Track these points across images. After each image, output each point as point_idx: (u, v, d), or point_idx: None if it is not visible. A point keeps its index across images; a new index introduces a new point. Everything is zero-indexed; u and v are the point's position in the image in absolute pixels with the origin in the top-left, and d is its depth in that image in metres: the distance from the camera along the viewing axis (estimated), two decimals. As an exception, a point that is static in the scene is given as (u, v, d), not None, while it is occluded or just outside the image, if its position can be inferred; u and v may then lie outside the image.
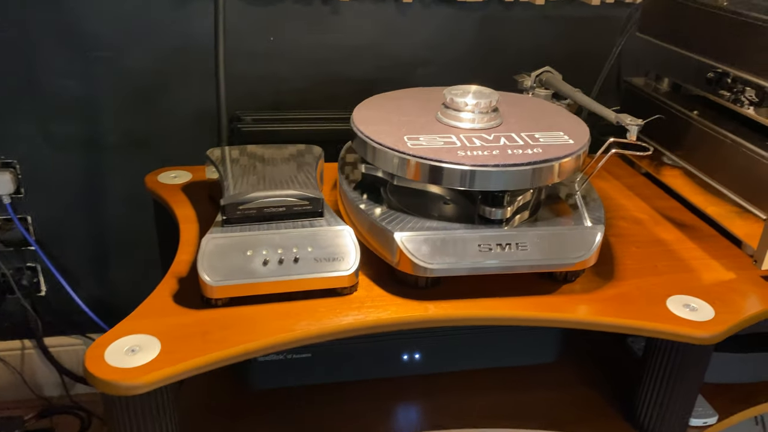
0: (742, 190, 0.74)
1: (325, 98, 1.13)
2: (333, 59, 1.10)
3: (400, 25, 1.09)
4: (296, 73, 1.09)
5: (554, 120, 0.74)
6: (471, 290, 0.65)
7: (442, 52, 1.12)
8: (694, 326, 0.62)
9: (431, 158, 0.63)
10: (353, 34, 1.09)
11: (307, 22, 1.06)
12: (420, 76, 1.13)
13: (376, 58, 1.11)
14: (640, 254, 0.74)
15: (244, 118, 1.12)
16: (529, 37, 1.13)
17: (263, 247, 0.62)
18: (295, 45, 1.07)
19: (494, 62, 1.14)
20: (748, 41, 0.73)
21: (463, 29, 1.11)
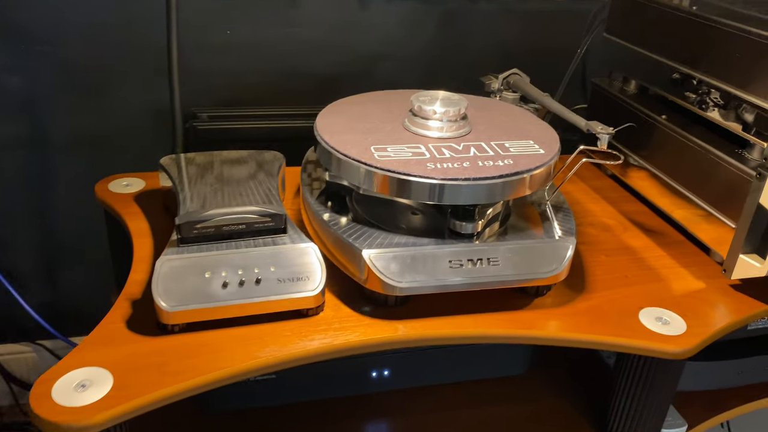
0: (708, 195, 0.73)
1: (286, 94, 1.09)
2: (293, 54, 1.05)
3: (361, 19, 1.06)
4: (255, 67, 1.05)
5: (524, 127, 0.72)
6: (441, 307, 0.63)
7: (405, 46, 1.09)
8: (666, 341, 0.61)
9: (400, 171, 0.60)
10: (313, 27, 1.05)
11: (265, 15, 1.02)
12: (383, 71, 1.10)
13: (337, 52, 1.07)
14: (610, 263, 0.73)
15: (200, 115, 1.07)
16: (493, 31, 1.11)
17: (222, 268, 0.58)
18: (254, 39, 1.02)
19: (458, 57, 1.12)
20: (711, 45, 0.72)
21: (426, 23, 1.08)
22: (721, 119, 0.74)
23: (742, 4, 0.78)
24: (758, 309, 0.67)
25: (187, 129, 1.06)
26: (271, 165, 0.76)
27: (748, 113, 0.71)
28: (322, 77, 1.08)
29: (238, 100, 1.08)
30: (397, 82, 1.12)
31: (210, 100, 1.06)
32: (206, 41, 1.00)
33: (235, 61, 1.03)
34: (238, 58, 1.03)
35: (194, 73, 1.02)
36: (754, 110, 0.69)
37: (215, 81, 1.04)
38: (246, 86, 1.06)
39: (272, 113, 1.09)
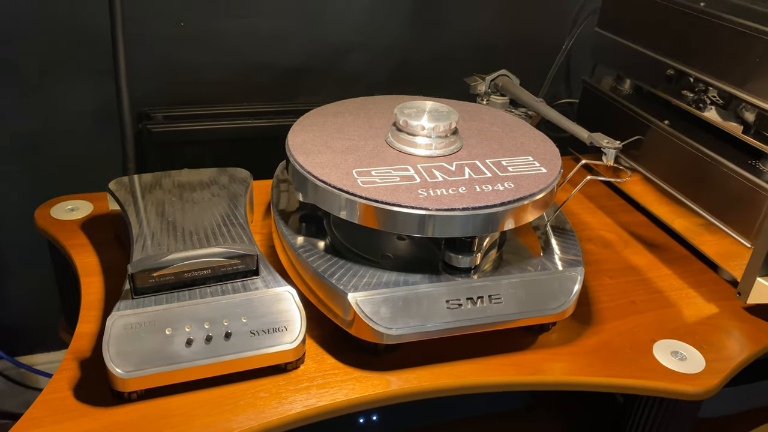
0: (714, 207, 0.68)
1: (247, 90, 1.00)
2: (253, 46, 0.96)
3: (327, 7, 0.97)
4: (212, 62, 0.95)
5: (519, 140, 0.65)
6: (437, 350, 0.56)
7: (375, 36, 1.01)
8: (685, 381, 0.55)
9: (388, 202, 0.52)
10: (275, 17, 0.96)
11: (221, 5, 0.92)
12: (352, 63, 1.01)
13: (302, 44, 0.98)
14: (615, 286, 0.67)
15: (154, 116, 0.97)
16: (469, 19, 1.03)
17: (185, 322, 0.50)
18: (210, 31, 0.93)
19: (431, 47, 1.04)
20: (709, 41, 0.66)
21: (397, 11, 1.00)
22: (721, 119, 0.68)
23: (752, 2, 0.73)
24: (777, 335, 0.62)
25: (140, 131, 0.96)
26: (237, 185, 0.67)
27: (749, 112, 0.65)
28: (287, 70, 0.99)
29: (195, 98, 0.98)
30: (368, 75, 1.04)
31: (165, 99, 0.97)
32: (158, 35, 0.90)
33: (190, 55, 0.94)
34: (195, 53, 0.94)
35: (146, 70, 0.92)
36: (755, 109, 0.63)
37: (170, 78, 0.95)
38: (204, 83, 0.97)
39: (234, 111, 1.01)
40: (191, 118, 0.99)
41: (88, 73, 0.90)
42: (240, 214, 0.63)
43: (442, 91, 0.82)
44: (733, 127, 0.68)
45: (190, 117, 0.99)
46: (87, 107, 0.93)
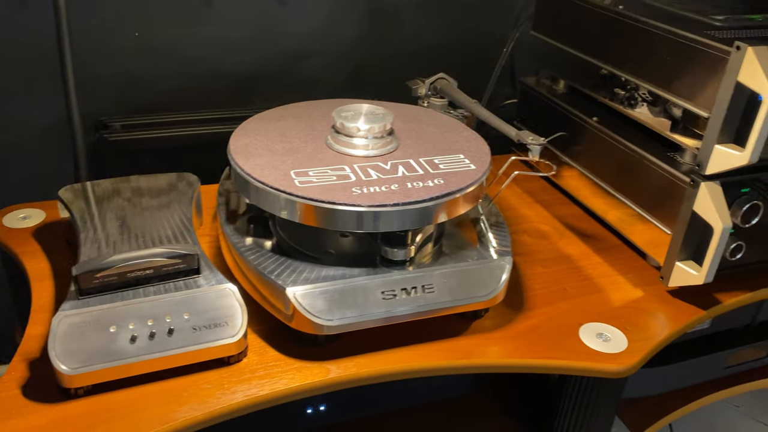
0: (641, 199, 0.72)
1: (205, 97, 1.02)
2: (210, 54, 0.98)
3: (281, 15, 0.99)
4: (169, 71, 0.97)
5: (453, 139, 0.68)
6: (376, 339, 0.59)
7: (330, 42, 1.04)
8: (608, 360, 0.59)
9: (323, 200, 0.55)
10: (230, 26, 0.98)
11: (176, 15, 0.94)
12: (307, 69, 1.04)
13: (258, 51, 1.00)
14: (548, 275, 0.71)
15: (111, 125, 0.98)
16: (421, 24, 1.07)
17: (129, 320, 0.52)
18: (166, 40, 0.95)
19: (386, 51, 1.07)
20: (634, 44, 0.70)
21: (351, 17, 1.03)
22: (651, 116, 0.72)
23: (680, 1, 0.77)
24: (697, 316, 0.66)
25: (97, 140, 0.98)
26: (184, 190, 0.70)
27: (676, 108, 0.70)
28: (243, 77, 1.01)
29: (153, 106, 1.00)
30: (323, 80, 1.06)
31: (122, 108, 0.98)
32: (114, 45, 0.92)
33: (147, 64, 0.96)
34: (151, 62, 0.96)
35: (102, 79, 0.93)
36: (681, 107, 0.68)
37: (126, 87, 0.96)
38: (161, 91, 0.99)
39: (191, 119, 1.02)
40: (149, 126, 1.00)
41: (41, 83, 0.92)
42: (186, 216, 0.65)
43: (397, 93, 0.85)
44: (657, 122, 0.72)
45: (147, 125, 1.00)
46: (42, 118, 0.94)
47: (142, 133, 0.99)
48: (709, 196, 0.61)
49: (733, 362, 0.79)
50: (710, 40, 0.60)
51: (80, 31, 0.88)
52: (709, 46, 0.60)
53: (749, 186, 0.64)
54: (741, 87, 0.56)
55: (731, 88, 0.57)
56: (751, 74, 0.55)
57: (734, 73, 0.57)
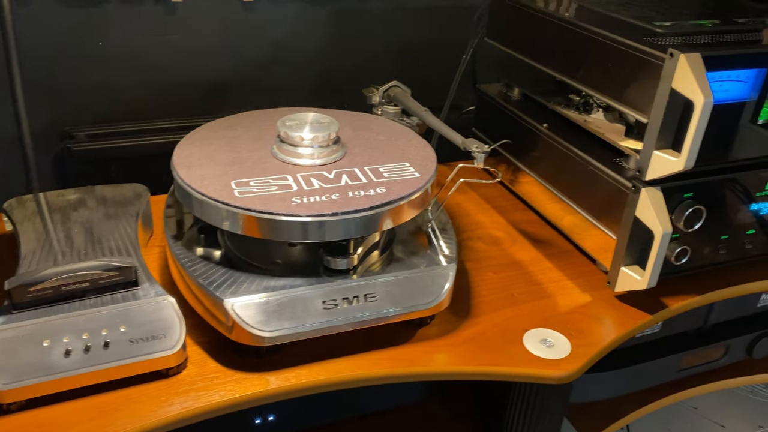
0: (589, 205, 0.72)
1: (172, 105, 1.01)
2: (176, 63, 0.98)
3: (247, 22, 0.99)
4: (134, 80, 0.97)
5: (401, 147, 0.69)
6: (318, 350, 0.59)
7: (296, 49, 1.04)
8: (550, 366, 0.59)
9: (261, 210, 0.55)
10: (195, 34, 0.98)
11: (140, 24, 0.94)
12: (274, 76, 1.04)
13: (223, 58, 1.00)
14: (497, 281, 0.71)
15: (76, 134, 0.98)
16: (386, 30, 1.07)
17: (63, 334, 0.52)
18: (130, 49, 0.94)
19: (352, 57, 1.07)
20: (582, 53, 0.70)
21: (317, 24, 1.03)
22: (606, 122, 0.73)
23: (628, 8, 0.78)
24: (643, 320, 0.66)
25: (61, 150, 0.97)
26: (134, 203, 0.69)
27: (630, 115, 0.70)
28: (210, 85, 1.01)
29: (118, 115, 0.99)
30: (290, 87, 1.06)
31: (87, 118, 0.98)
32: (77, 55, 0.91)
33: (112, 74, 0.95)
34: (116, 71, 0.95)
35: (67, 89, 0.93)
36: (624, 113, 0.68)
37: (92, 97, 0.96)
38: (127, 100, 0.98)
39: (157, 127, 1.02)
40: (114, 135, 1.00)
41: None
42: (131, 228, 0.65)
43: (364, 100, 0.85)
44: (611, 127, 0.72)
45: (113, 135, 1.00)
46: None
47: (107, 143, 0.98)
48: (650, 201, 0.62)
49: (688, 364, 0.79)
50: (647, 47, 0.60)
51: (44, 40, 0.87)
52: (645, 53, 0.60)
53: (692, 191, 0.65)
54: (675, 93, 0.57)
55: (666, 95, 0.58)
56: (684, 81, 0.56)
57: (668, 79, 0.57)
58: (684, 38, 0.64)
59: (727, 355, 0.81)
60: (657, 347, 0.77)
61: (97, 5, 0.90)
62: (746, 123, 0.64)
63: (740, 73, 0.61)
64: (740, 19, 0.75)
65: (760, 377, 0.84)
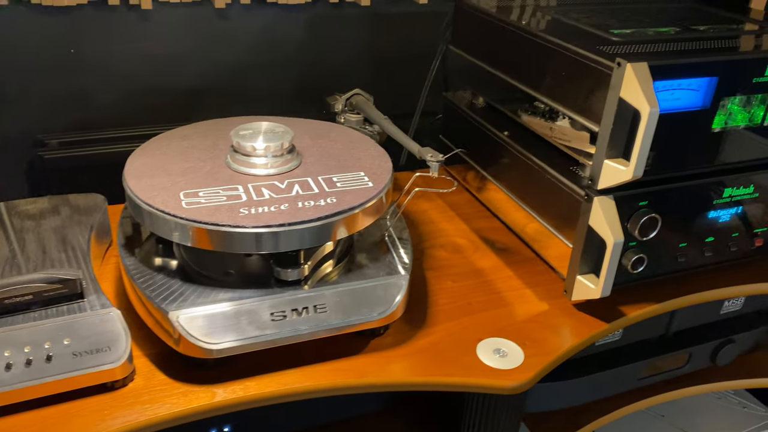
0: (548, 214, 0.72)
1: (146, 112, 1.01)
2: (149, 70, 0.98)
3: (221, 29, 0.99)
4: (108, 87, 0.97)
5: (358, 156, 0.68)
6: (268, 362, 0.58)
7: (272, 55, 1.04)
8: (501, 376, 0.59)
9: (205, 222, 0.55)
10: (169, 41, 0.97)
11: (113, 31, 0.93)
12: (250, 82, 1.04)
13: (198, 65, 1.00)
14: (456, 290, 0.71)
15: (48, 142, 0.97)
16: (361, 36, 1.07)
17: (5, 348, 0.51)
18: (103, 56, 0.94)
19: (329, 63, 1.07)
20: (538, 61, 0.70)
21: (292, 31, 1.03)
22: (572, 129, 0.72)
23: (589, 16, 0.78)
24: (599, 329, 0.66)
25: (33, 158, 0.97)
26: (90, 213, 0.69)
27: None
28: (184, 92, 1.01)
29: (92, 123, 0.99)
30: (266, 93, 1.06)
31: (61, 125, 0.97)
32: (50, 62, 0.91)
33: (85, 81, 0.95)
34: (89, 78, 0.95)
35: (39, 97, 0.93)
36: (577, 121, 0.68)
37: (65, 104, 0.96)
38: (100, 107, 0.98)
39: (131, 135, 1.01)
40: (87, 143, 0.99)
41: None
42: (84, 239, 0.64)
43: None
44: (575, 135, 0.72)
45: (86, 142, 0.99)
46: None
47: (80, 151, 0.98)
48: (602, 211, 0.62)
49: (651, 372, 0.79)
50: (597, 56, 0.60)
51: (15, 48, 0.87)
52: (596, 62, 0.60)
53: (647, 199, 0.65)
54: (623, 103, 0.57)
55: (615, 104, 0.57)
56: (631, 90, 0.56)
57: (617, 89, 0.57)
58: (638, 47, 0.64)
59: (690, 362, 0.81)
60: (619, 355, 0.76)
61: (68, 13, 0.90)
62: (701, 131, 0.64)
63: (692, 82, 0.61)
64: (702, 27, 0.75)
65: (724, 384, 0.84)
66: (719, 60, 0.61)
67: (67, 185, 0.97)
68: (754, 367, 0.87)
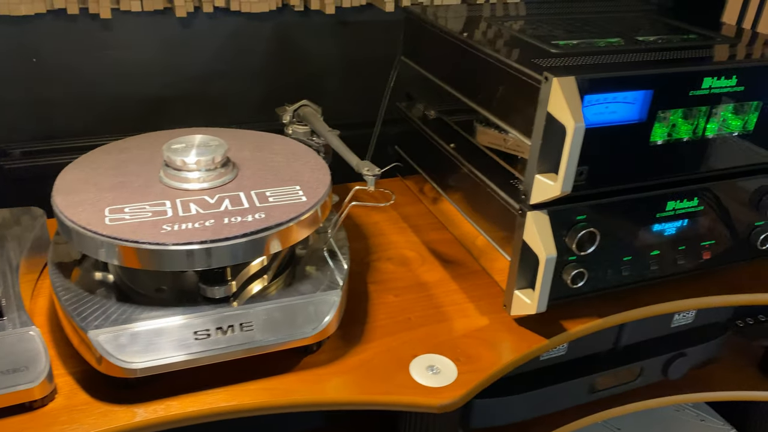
0: (490, 227, 0.71)
1: (110, 122, 1.00)
2: (113, 79, 0.97)
3: (185, 37, 0.98)
4: (71, 96, 0.96)
5: (296, 169, 0.68)
6: (194, 380, 0.58)
7: (239, 63, 1.03)
8: (432, 394, 0.58)
9: (126, 239, 0.54)
10: (133, 50, 0.97)
11: (75, 40, 0.93)
12: (216, 90, 1.03)
13: (163, 74, 0.99)
14: (397, 304, 0.70)
15: (11, 152, 0.97)
16: (328, 44, 1.06)
17: None
18: (66, 65, 0.94)
19: (295, 71, 1.06)
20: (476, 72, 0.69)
21: (257, 39, 1.02)
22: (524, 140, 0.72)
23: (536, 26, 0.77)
24: (538, 345, 0.65)
25: (-6, 169, 0.96)
26: (27, 227, 0.68)
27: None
28: (148, 101, 1.00)
29: (54, 132, 0.98)
30: (234, 102, 1.05)
31: (24, 135, 0.97)
32: (12, 71, 0.91)
33: (49, 90, 0.94)
34: (53, 87, 0.94)
35: (1, 106, 0.92)
36: None
37: (28, 113, 0.95)
38: (64, 116, 0.97)
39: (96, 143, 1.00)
40: (51, 153, 0.99)
41: None
42: (16, 254, 0.64)
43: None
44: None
45: (48, 152, 0.99)
46: None
47: (43, 160, 0.97)
48: (535, 226, 0.61)
49: (601, 386, 0.78)
50: (529, 70, 0.59)
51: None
52: (528, 76, 0.60)
53: (585, 213, 0.64)
54: (551, 117, 0.56)
55: (543, 119, 0.57)
56: (557, 105, 0.55)
57: (545, 103, 0.56)
58: (576, 59, 0.63)
59: (642, 376, 0.80)
60: (567, 369, 0.75)
61: (28, 22, 0.89)
62: (639, 144, 0.64)
63: (627, 95, 0.61)
64: (652, 37, 0.74)
65: (677, 398, 0.83)
66: (654, 73, 0.60)
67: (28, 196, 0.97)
68: (709, 380, 0.86)
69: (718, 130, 0.67)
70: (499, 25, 0.76)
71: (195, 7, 0.95)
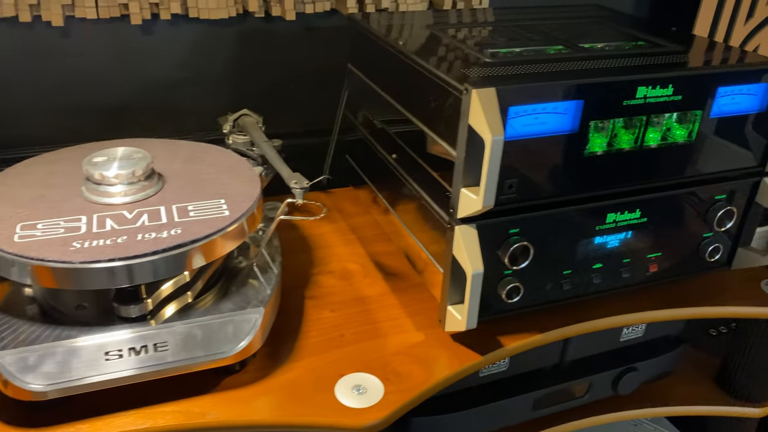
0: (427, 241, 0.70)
1: (70, 131, 0.98)
2: (73, 87, 0.95)
3: (147, 44, 0.97)
4: (30, 105, 0.94)
5: (226, 182, 0.66)
6: (109, 402, 0.56)
7: (203, 70, 1.01)
8: (355, 415, 0.56)
9: (31, 257, 0.52)
10: (92, 57, 0.95)
11: (32, 47, 0.91)
12: (182, 98, 1.01)
13: (124, 82, 0.98)
14: (332, 320, 0.68)
15: None
16: (295, 50, 1.05)
17: None
18: (23, 73, 0.92)
19: (262, 78, 1.04)
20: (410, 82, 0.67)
21: (222, 46, 1.01)
22: None
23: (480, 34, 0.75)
24: (472, 362, 0.64)
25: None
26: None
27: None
28: (110, 109, 0.98)
29: (12, 141, 0.97)
30: (200, 110, 1.03)
31: None
32: None
33: (7, 98, 0.93)
34: (10, 96, 0.93)
35: None
36: None
37: None
38: (21, 126, 0.96)
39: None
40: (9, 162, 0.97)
41: None
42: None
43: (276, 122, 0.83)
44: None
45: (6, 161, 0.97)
46: None
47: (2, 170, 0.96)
48: (462, 240, 0.59)
49: (548, 402, 0.76)
50: (453, 81, 0.58)
51: None
52: (453, 87, 0.58)
53: (518, 227, 0.62)
54: (471, 130, 0.54)
55: (465, 131, 0.55)
56: (476, 117, 0.53)
57: (466, 115, 0.54)
58: (507, 68, 0.61)
59: (590, 391, 0.78)
60: (509, 385, 0.74)
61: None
62: (573, 156, 0.62)
63: (557, 105, 0.59)
64: (599, 45, 0.73)
65: (631, 413, 0.81)
66: (582, 83, 0.58)
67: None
68: (665, 394, 0.84)
69: (662, 140, 0.65)
70: (436, 33, 0.74)
71: (152, 14, 0.93)
